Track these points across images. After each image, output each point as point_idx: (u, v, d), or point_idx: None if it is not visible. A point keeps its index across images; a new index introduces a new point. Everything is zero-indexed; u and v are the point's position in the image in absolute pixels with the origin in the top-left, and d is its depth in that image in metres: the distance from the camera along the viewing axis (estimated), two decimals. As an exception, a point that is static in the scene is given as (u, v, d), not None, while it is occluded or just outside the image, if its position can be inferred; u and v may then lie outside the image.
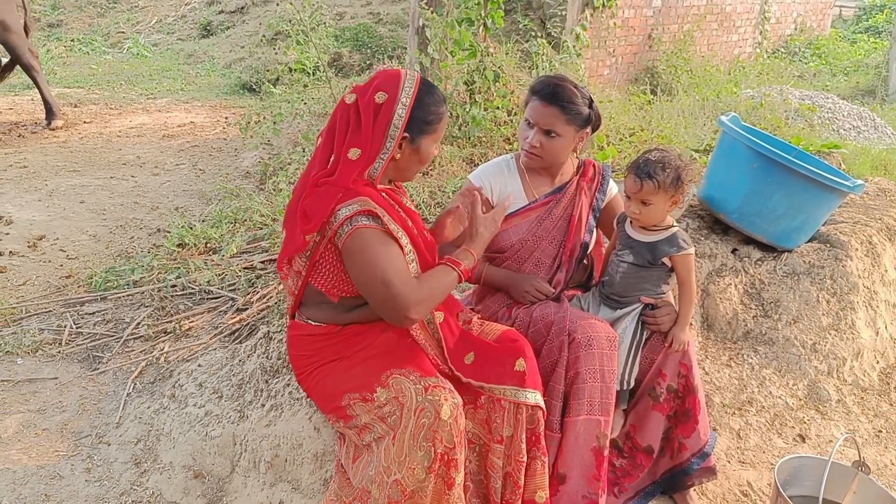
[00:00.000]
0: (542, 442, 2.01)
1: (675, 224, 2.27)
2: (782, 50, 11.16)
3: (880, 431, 2.77)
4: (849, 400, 2.87)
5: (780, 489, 2.06)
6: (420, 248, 1.96)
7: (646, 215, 2.21)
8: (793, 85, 8.49)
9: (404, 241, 1.88)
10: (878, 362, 3.08)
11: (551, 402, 2.11)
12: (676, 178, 2.16)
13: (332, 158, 1.89)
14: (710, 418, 2.65)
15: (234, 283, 3.52)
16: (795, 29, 11.41)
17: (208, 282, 3.53)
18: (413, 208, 2.08)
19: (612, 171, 2.52)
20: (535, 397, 1.97)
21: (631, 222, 2.31)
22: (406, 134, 1.88)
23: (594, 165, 2.46)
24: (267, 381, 2.60)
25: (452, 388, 1.87)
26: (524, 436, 1.97)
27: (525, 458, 1.98)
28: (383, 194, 1.93)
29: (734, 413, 2.73)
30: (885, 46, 10.55)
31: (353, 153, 1.85)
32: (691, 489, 2.34)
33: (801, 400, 2.84)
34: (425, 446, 1.77)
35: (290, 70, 6.29)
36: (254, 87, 8.74)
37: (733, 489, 2.46)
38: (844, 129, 6.93)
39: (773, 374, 2.88)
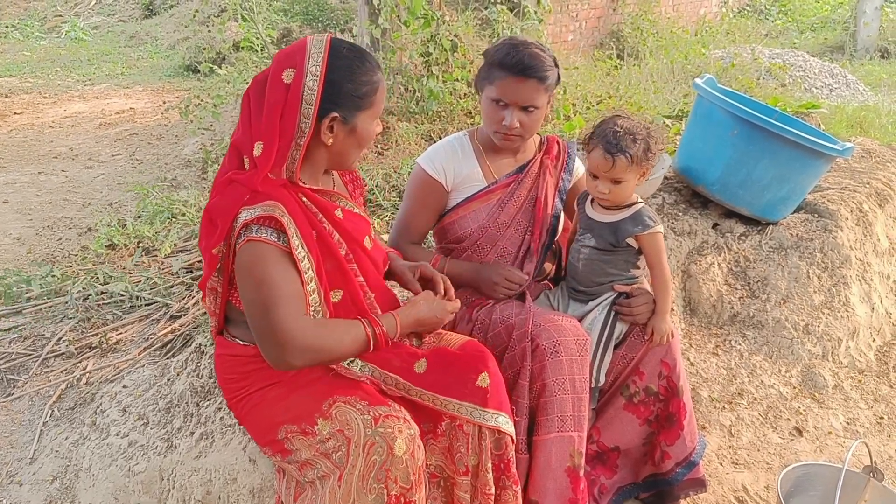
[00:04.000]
0: (511, 469, 1.73)
1: (639, 200, 1.99)
2: (748, 8, 10.93)
3: (881, 418, 2.53)
4: (846, 384, 2.62)
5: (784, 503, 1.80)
6: (344, 274, 1.64)
7: (615, 194, 1.93)
8: (761, 44, 8.24)
9: (305, 265, 1.54)
10: (874, 340, 2.84)
11: (516, 420, 1.82)
12: (647, 148, 1.89)
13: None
14: (698, 415, 2.39)
15: (168, 287, 3.16)
16: (760, -14, 11.17)
17: (139, 287, 3.16)
18: (360, 212, 1.75)
19: (577, 147, 2.22)
20: (500, 420, 1.67)
21: (592, 202, 2.03)
22: (336, 114, 1.55)
23: (558, 142, 2.18)
24: (197, 404, 2.29)
25: (408, 417, 1.57)
26: (490, 464, 1.68)
27: (493, 490, 1.69)
28: (304, 199, 1.59)
29: (724, 407, 2.47)
30: (851, 1, 10.35)
31: (257, 148, 1.52)
32: (681, 502, 2.08)
33: (795, 388, 2.58)
34: (377, 488, 1.49)
35: (237, 48, 5.86)
36: (198, 68, 8.24)
37: (727, 495, 2.20)
38: (817, 88, 6.72)
39: (764, 361, 2.62)
